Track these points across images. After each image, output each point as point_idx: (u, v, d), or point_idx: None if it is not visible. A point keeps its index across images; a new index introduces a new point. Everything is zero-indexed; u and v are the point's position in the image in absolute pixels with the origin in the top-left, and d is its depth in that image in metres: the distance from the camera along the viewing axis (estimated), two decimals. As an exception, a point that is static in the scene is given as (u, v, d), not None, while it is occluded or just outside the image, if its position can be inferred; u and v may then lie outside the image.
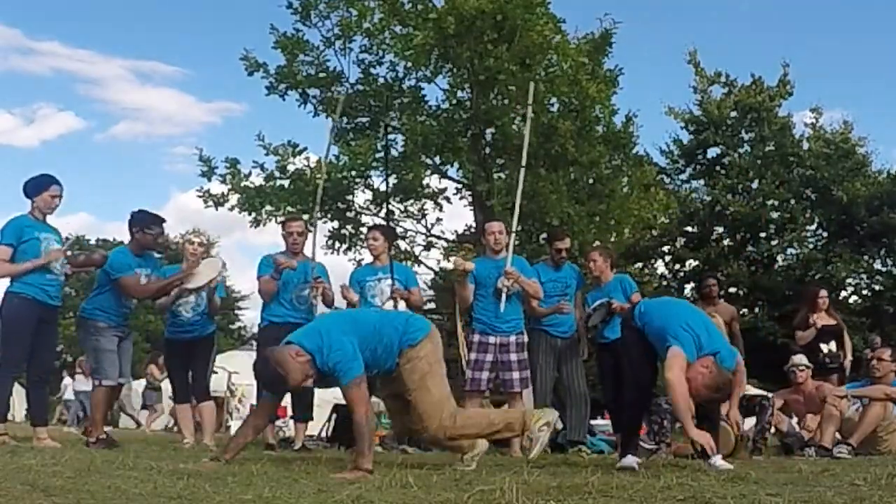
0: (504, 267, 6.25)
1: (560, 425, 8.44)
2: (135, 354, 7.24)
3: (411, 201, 13.26)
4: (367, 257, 7.31)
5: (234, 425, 17.06)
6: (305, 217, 8.10)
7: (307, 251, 6.59)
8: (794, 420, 7.00)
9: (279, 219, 10.57)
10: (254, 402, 7.73)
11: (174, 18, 62.55)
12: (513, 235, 6.60)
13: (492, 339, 6.31)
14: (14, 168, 62.26)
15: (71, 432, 11.23)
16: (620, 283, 6.77)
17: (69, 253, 5.99)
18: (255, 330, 7.39)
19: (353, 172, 12.04)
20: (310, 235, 6.70)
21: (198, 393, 6.56)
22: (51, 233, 5.81)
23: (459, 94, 12.26)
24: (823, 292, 8.33)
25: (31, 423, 6.13)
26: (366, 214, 13.04)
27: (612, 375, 6.76)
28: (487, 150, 12.46)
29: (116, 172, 67.67)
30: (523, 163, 7.23)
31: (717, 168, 23.86)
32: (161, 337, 7.34)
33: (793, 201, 23.12)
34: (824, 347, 7.89)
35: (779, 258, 23.88)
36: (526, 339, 6.49)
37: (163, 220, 6.26)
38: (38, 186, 5.78)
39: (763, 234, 23.58)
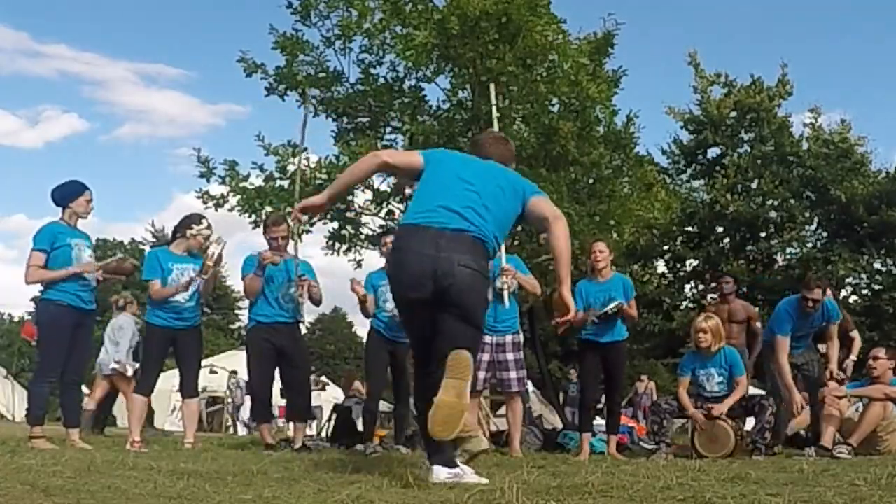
0: (497, 266, 6.24)
1: (560, 425, 8.47)
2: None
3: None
4: (367, 258, 7.30)
5: (239, 425, 17.12)
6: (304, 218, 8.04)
7: (290, 250, 6.58)
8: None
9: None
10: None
11: (179, 21, 62.78)
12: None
13: (488, 339, 6.31)
14: (18, 169, 62.48)
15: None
16: (623, 284, 6.66)
17: (101, 262, 6.09)
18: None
19: (353, 172, 12.01)
20: (299, 232, 6.68)
21: (187, 389, 6.40)
22: (81, 238, 5.93)
23: (460, 94, 12.25)
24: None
25: (63, 425, 6.19)
26: (366, 214, 13.01)
27: (595, 375, 6.66)
28: (487, 150, 12.45)
29: (120, 174, 67.97)
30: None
31: (717, 168, 23.89)
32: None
33: (792, 201, 23.15)
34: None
35: (778, 257, 23.91)
36: (521, 338, 6.48)
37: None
38: (73, 193, 5.90)
39: (763, 234, 23.61)
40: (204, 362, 9.77)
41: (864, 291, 23.55)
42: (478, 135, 4.03)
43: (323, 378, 17.24)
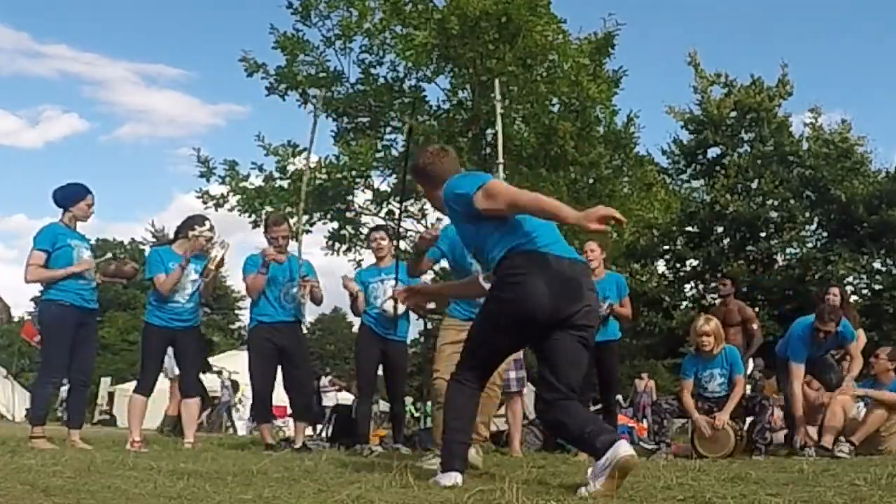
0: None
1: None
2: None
3: (411, 201, 13.24)
4: (367, 258, 7.28)
5: (239, 426, 17.12)
6: (294, 220, 8.02)
7: (293, 250, 6.58)
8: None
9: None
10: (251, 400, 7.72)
11: (179, 21, 62.83)
12: None
13: None
14: (18, 169, 62.49)
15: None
16: (616, 283, 6.65)
17: (100, 262, 6.10)
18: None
19: (353, 172, 12.02)
20: (301, 233, 6.66)
21: (187, 389, 6.39)
22: (80, 240, 5.96)
23: (460, 94, 12.26)
24: (833, 290, 8.26)
25: (66, 425, 6.19)
26: (366, 214, 13.02)
27: (589, 375, 6.66)
28: (488, 150, 12.45)
29: (120, 174, 68.07)
30: (500, 160, 7.32)
31: (717, 168, 23.89)
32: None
33: (792, 201, 23.15)
34: None
35: (778, 257, 23.90)
36: None
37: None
38: (74, 196, 5.92)
39: (763, 234, 23.61)
40: (204, 362, 9.75)
41: (864, 291, 23.54)
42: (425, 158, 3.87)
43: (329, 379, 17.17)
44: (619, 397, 13.47)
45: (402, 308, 6.39)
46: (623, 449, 2.93)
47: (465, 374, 3.51)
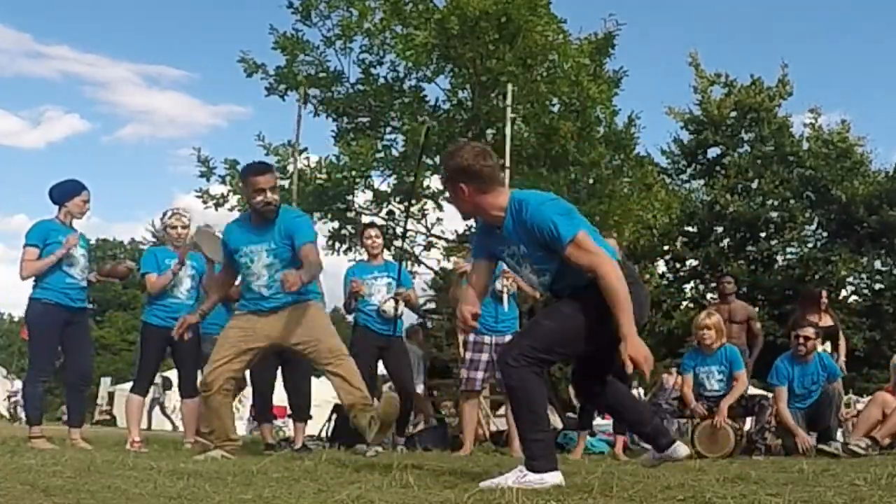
0: (499, 268, 6.24)
1: (560, 425, 8.47)
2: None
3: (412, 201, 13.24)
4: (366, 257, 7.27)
5: (239, 426, 17.13)
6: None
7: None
8: None
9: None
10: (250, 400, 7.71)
11: (181, 22, 62.83)
12: None
13: (487, 339, 6.35)
14: (19, 169, 62.50)
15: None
16: None
17: (97, 262, 6.12)
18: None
19: (353, 172, 12.02)
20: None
21: (186, 388, 6.35)
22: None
23: (460, 94, 12.25)
24: (824, 293, 8.33)
25: (66, 425, 6.21)
26: (366, 214, 13.01)
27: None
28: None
29: (121, 174, 68.16)
30: (507, 163, 7.34)
31: (717, 168, 23.89)
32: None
33: (792, 201, 23.16)
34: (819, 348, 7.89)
35: (778, 258, 23.91)
36: None
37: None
38: (70, 192, 5.93)
39: (763, 234, 23.61)
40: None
41: (865, 291, 23.56)
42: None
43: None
44: (641, 391, 13.34)
45: (401, 308, 6.44)
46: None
47: (537, 367, 3.26)
